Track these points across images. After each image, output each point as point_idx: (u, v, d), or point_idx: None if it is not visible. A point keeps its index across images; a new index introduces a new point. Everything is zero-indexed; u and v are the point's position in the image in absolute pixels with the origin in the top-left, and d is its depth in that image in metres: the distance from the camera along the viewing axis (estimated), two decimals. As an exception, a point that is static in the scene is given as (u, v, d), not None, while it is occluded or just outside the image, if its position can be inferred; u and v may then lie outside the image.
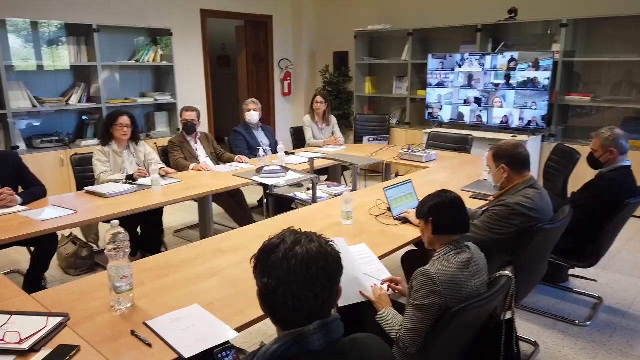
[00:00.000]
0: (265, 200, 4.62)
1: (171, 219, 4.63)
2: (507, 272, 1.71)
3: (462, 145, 4.55)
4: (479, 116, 5.32)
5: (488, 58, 5.16)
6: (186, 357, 1.40)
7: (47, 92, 4.85)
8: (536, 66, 4.86)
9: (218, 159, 4.28)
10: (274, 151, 4.52)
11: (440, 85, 5.56)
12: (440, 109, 5.61)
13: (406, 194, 2.72)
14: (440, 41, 5.95)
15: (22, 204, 2.82)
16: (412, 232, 2.42)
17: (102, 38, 4.92)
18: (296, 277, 0.97)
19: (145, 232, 3.59)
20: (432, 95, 5.65)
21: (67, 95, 4.93)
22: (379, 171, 5.89)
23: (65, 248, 3.46)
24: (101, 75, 4.96)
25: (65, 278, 3.42)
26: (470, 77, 5.31)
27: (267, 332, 2.70)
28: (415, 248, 2.63)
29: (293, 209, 4.48)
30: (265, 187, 4.10)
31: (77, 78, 5.05)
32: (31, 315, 1.56)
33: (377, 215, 2.65)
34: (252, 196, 4.89)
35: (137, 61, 5.38)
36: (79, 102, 4.96)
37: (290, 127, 5.47)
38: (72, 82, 5.04)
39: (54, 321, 1.53)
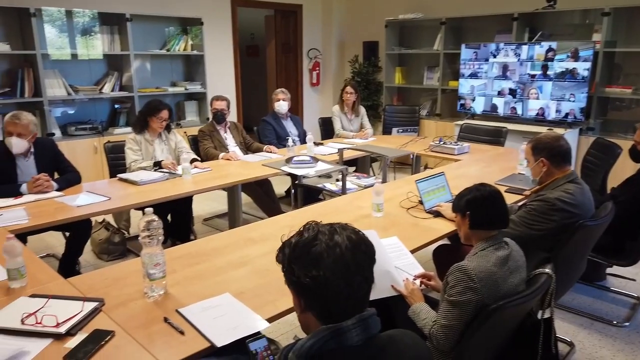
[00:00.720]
0: (293, 191, 4.62)
1: (200, 207, 4.68)
2: (547, 270, 1.64)
3: (495, 137, 4.43)
4: (514, 108, 5.17)
5: (524, 48, 4.99)
6: (218, 345, 1.40)
7: (82, 80, 4.94)
8: (575, 56, 4.67)
9: (247, 149, 4.29)
10: (302, 141, 4.50)
11: (474, 75, 5.42)
12: (473, 100, 5.47)
13: (439, 186, 2.66)
14: (474, 30, 5.78)
15: (57, 190, 2.89)
16: (445, 226, 2.37)
17: (134, 27, 4.97)
18: (346, 264, 0.95)
19: (175, 220, 3.63)
20: (464, 86, 5.51)
21: (101, 84, 5.01)
22: (407, 163, 5.81)
23: (98, 234, 3.53)
24: (133, 64, 5.02)
25: (98, 263, 3.49)
26: (505, 67, 5.16)
27: (294, 322, 2.69)
28: (448, 242, 2.57)
29: (320, 200, 4.47)
30: (294, 177, 4.11)
31: (110, 67, 5.13)
32: (67, 300, 1.59)
33: (409, 208, 2.60)
34: (280, 186, 4.89)
35: (168, 50, 5.43)
36: (112, 90, 5.04)
37: (317, 117, 5.44)
38: (105, 71, 5.12)
39: (90, 306, 1.55)
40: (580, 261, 2.30)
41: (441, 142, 4.04)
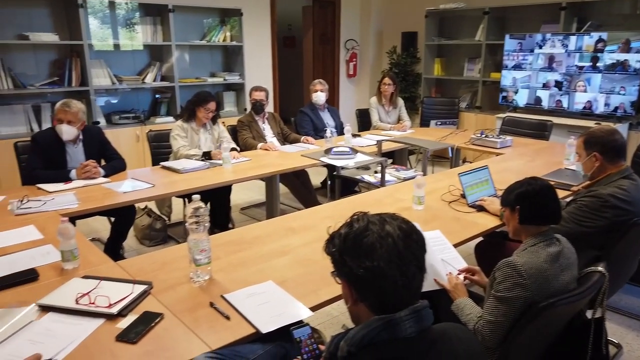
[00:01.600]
0: (329, 182, 4.63)
1: (237, 196, 4.74)
2: (600, 268, 1.58)
3: (539, 131, 4.29)
4: (559, 101, 4.98)
5: (572, 38, 4.79)
6: (263, 332, 1.41)
7: (125, 70, 5.07)
8: (627, 48, 4.46)
9: (284, 139, 4.31)
10: (339, 133, 4.49)
11: (517, 67, 5.25)
12: (516, 92, 5.31)
13: (482, 180, 2.60)
14: (518, 20, 5.59)
15: (104, 176, 2.98)
16: (489, 221, 2.32)
17: (175, 18, 5.05)
18: (400, 254, 0.95)
19: (215, 208, 3.69)
20: (507, 77, 5.35)
21: (143, 74, 5.13)
22: (444, 156, 5.70)
23: (141, 220, 3.63)
24: (174, 55, 5.11)
25: (141, 248, 3.60)
26: (551, 58, 4.97)
27: (331, 312, 2.71)
28: (490, 237, 2.51)
29: (356, 191, 4.45)
30: (331, 168, 4.10)
31: (152, 57, 5.24)
32: (118, 282, 1.64)
33: (450, 202, 2.55)
34: (315, 177, 4.90)
35: (208, 41, 5.50)
36: (154, 80, 5.15)
37: (353, 108, 5.40)
38: (147, 61, 5.23)
39: (139, 288, 1.60)
40: (632, 261, 2.21)
41: (483, 135, 3.94)
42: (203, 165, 3.27)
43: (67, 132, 2.91)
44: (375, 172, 3.25)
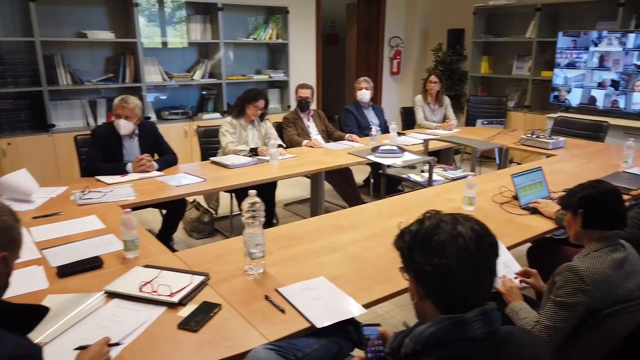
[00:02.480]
0: (372, 180, 4.62)
1: (280, 193, 4.78)
2: (668, 277, 1.51)
3: (594, 132, 4.12)
4: (615, 101, 4.77)
5: (631, 36, 4.57)
6: (318, 327, 1.44)
7: (175, 67, 5.22)
8: (692, 45, 4.21)
9: (328, 137, 4.33)
10: (384, 131, 4.46)
11: (570, 65, 5.06)
12: (569, 91, 5.12)
13: (535, 182, 2.53)
14: (572, 17, 5.38)
15: (157, 170, 3.09)
16: (543, 224, 2.26)
17: (224, 16, 5.15)
18: (470, 255, 0.94)
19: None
20: (559, 76, 5.16)
21: (192, 71, 5.26)
22: (490, 156, 5.57)
23: (189, 213, 3.73)
24: (222, 52, 5.21)
25: (189, 240, 3.71)
26: (607, 57, 4.76)
27: (377, 311, 2.71)
28: (542, 241, 2.44)
29: (399, 190, 4.42)
30: (375, 166, 4.09)
31: (201, 54, 5.37)
32: (177, 272, 1.70)
33: (502, 203, 2.50)
34: (357, 175, 4.89)
35: (254, 39, 5.58)
36: (202, 77, 5.27)
37: (396, 106, 5.35)
38: (196, 59, 5.37)
39: (197, 279, 1.65)
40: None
41: (533, 136, 3.82)
42: (251, 161, 3.33)
43: (125, 126, 3.04)
44: (422, 171, 3.22)
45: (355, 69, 7.25)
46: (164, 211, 3.25)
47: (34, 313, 1.07)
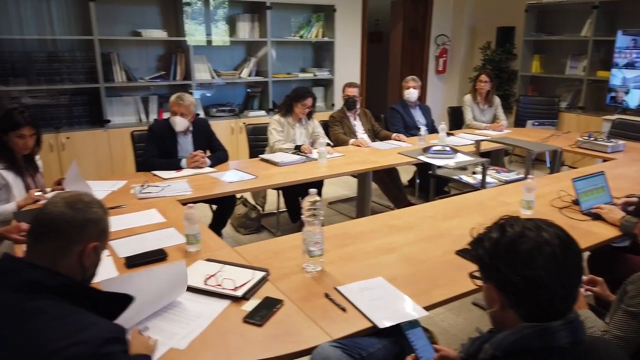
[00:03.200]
0: (418, 180, 4.57)
1: (324, 191, 4.81)
2: None
3: (656, 136, 3.93)
4: (678, 103, 4.53)
5: (698, 34, 4.33)
6: (381, 327, 1.44)
7: (222, 65, 5.31)
8: None
9: (375, 136, 4.31)
10: (430, 131, 4.40)
11: (630, 65, 4.83)
12: (627, 92, 4.89)
13: (597, 187, 2.43)
14: (632, 15, 5.13)
15: (210, 166, 3.16)
16: (606, 230, 2.17)
17: (271, 14, 5.20)
18: (559, 263, 0.92)
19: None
20: (617, 76, 4.94)
21: (239, 69, 5.35)
22: (540, 159, 5.41)
23: (237, 209, 3.80)
24: (269, 51, 5.27)
25: (236, 235, 3.78)
26: (671, 56, 4.53)
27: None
28: (603, 248, 2.35)
29: (446, 192, 4.36)
30: (422, 167, 4.04)
31: (249, 53, 5.45)
32: (239, 267, 1.74)
33: (561, 208, 2.42)
34: (402, 176, 4.84)
35: (301, 37, 5.61)
36: (249, 75, 5.35)
37: (440, 106, 5.27)
38: (243, 57, 5.45)
39: (259, 275, 1.68)
40: None
41: (591, 138, 3.68)
42: (300, 159, 3.36)
43: (180, 123, 3.12)
44: (474, 172, 3.15)
45: (400, 67, 7.18)
46: (214, 206, 3.33)
47: (120, 301, 1.12)
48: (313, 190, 1.74)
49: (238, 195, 3.89)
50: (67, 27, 4.43)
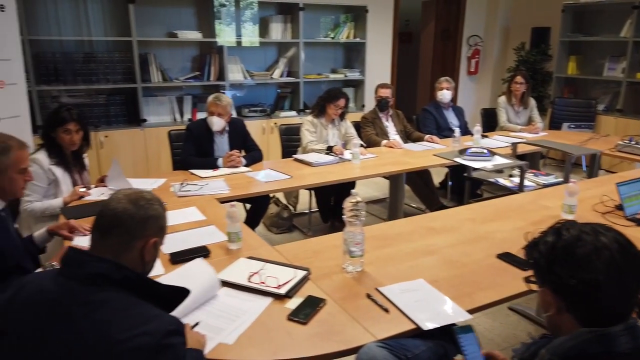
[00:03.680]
0: (450, 183, 4.53)
1: (354, 192, 4.81)
2: None
3: (701, 140, 3.78)
4: None
5: None
6: (425, 329, 1.43)
7: (255, 66, 5.37)
8: None
9: (407, 137, 4.29)
10: (463, 133, 4.35)
11: (672, 67, 4.68)
12: (669, 95, 4.74)
13: (642, 192, 2.37)
14: (675, 14, 4.98)
15: (245, 166, 3.21)
16: (653, 237, 2.11)
17: (303, 15, 5.23)
18: (619, 268, 0.92)
19: (338, 202, 3.79)
20: (658, 78, 4.79)
21: (271, 70, 5.40)
22: (576, 162, 5.27)
23: (269, 208, 3.83)
24: (301, 52, 5.30)
25: (268, 235, 3.82)
26: None
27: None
28: None
29: (479, 194, 4.30)
30: (455, 169, 4.00)
31: (281, 54, 5.49)
32: (280, 265, 1.76)
33: (604, 213, 2.37)
34: (433, 177, 4.80)
35: (332, 38, 5.63)
36: (281, 76, 5.40)
37: (472, 107, 5.19)
38: (275, 58, 5.50)
39: (300, 274, 1.70)
40: None
41: (632, 142, 3.58)
42: (333, 160, 3.37)
43: (217, 123, 3.18)
44: (510, 175, 3.11)
45: (431, 68, 7.12)
46: (247, 205, 3.37)
47: (178, 294, 1.15)
48: (354, 191, 1.75)
49: (270, 195, 3.94)
50: (106, 29, 4.56)
